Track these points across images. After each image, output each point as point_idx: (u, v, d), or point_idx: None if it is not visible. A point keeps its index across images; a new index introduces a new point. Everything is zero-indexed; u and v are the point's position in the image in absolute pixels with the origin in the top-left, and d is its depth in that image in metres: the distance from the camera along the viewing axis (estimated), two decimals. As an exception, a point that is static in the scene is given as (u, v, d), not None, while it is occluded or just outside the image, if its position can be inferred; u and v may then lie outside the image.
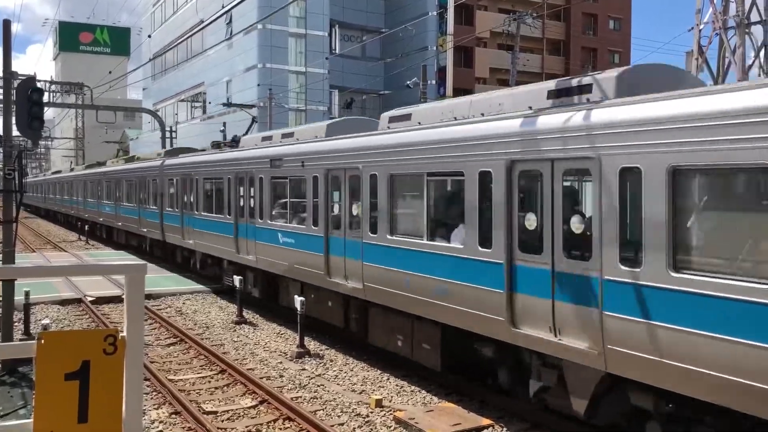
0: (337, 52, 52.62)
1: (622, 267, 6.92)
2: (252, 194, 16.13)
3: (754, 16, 19.77)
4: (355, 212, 11.85)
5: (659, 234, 6.54)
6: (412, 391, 10.65)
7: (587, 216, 7.67)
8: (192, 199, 20.11)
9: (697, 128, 6.20)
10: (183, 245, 21.39)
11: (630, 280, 6.84)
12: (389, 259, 10.80)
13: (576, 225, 7.64)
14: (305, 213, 13.52)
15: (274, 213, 15.04)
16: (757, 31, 19.87)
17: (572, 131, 7.52)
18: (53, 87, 55.30)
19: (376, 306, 11.47)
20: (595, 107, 7.54)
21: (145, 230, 25.70)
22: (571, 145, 7.54)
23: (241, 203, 16.65)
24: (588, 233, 7.46)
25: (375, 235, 11.18)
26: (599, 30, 65.51)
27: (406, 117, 11.45)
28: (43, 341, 2.77)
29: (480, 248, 8.84)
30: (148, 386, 10.81)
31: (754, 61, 19.95)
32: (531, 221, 8.15)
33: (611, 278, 7.05)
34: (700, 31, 20.00)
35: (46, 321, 13.28)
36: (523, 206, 8.37)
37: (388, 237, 10.87)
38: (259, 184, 15.61)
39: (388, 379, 11.28)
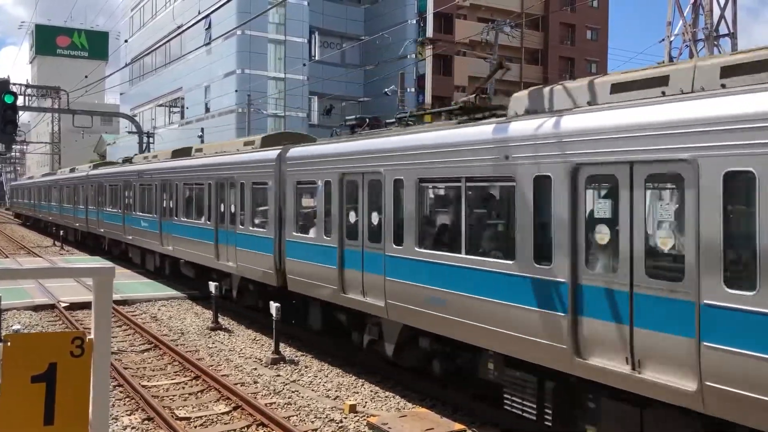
0: (316, 58, 52.65)
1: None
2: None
3: (723, 29, 20.23)
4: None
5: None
6: (386, 396, 10.71)
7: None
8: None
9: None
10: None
11: None
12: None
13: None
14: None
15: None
16: (725, 43, 20.33)
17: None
18: (29, 90, 54.71)
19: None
20: None
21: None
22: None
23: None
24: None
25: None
26: (577, 40, 66.27)
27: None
28: (9, 343, 2.79)
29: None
30: (120, 392, 10.75)
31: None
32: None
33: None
34: (671, 42, 20.41)
35: (17, 327, 13.14)
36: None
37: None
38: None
39: (363, 384, 11.33)
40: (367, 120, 13.71)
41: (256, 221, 14.90)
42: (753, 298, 5.67)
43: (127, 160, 29.06)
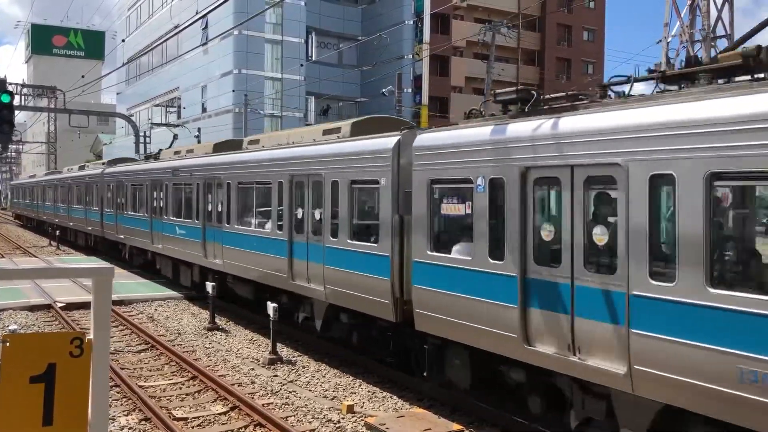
0: (313, 58, 52.62)
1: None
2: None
3: (719, 31, 20.30)
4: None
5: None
6: (383, 397, 10.70)
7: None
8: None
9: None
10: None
11: None
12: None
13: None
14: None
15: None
16: (722, 44, 20.40)
17: None
18: (25, 90, 54.53)
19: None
20: None
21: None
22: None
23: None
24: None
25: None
26: (574, 41, 66.35)
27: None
28: (8, 343, 2.78)
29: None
30: (118, 392, 10.72)
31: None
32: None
33: None
34: (668, 43, 20.47)
35: (13, 327, 13.10)
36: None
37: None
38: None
39: (360, 385, 11.32)
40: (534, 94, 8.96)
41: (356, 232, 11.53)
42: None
43: (150, 157, 26.28)
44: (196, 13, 26.57)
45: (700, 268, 6.09)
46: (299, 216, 12.91)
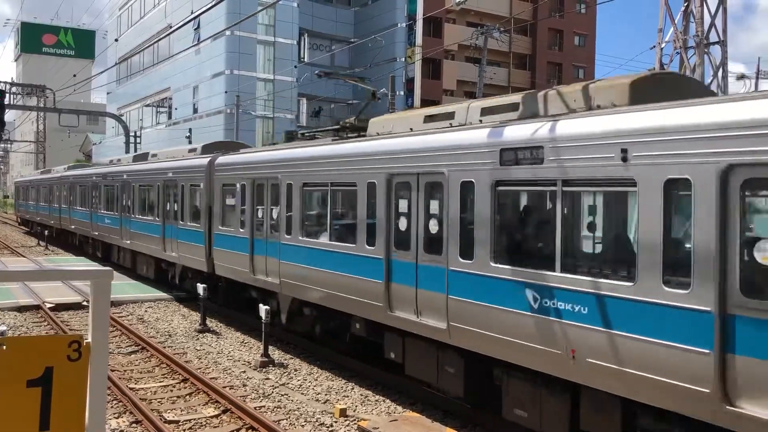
0: (305, 60, 52.55)
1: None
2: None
3: (713, 37, 20.45)
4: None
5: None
6: (376, 400, 10.65)
7: None
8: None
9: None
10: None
11: None
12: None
13: None
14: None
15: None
16: (716, 51, 20.55)
17: None
18: (14, 89, 54.20)
19: None
20: None
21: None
22: None
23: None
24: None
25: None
26: (565, 45, 66.60)
27: None
28: (4, 347, 2.72)
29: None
30: (108, 395, 10.61)
31: (712, 80, 20.54)
32: None
33: None
34: (662, 49, 20.57)
35: (2, 328, 12.95)
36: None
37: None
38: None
39: (353, 388, 11.26)
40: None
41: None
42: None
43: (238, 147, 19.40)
44: (191, 12, 26.46)
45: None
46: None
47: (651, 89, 7.64)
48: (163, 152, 23.40)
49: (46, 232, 35.98)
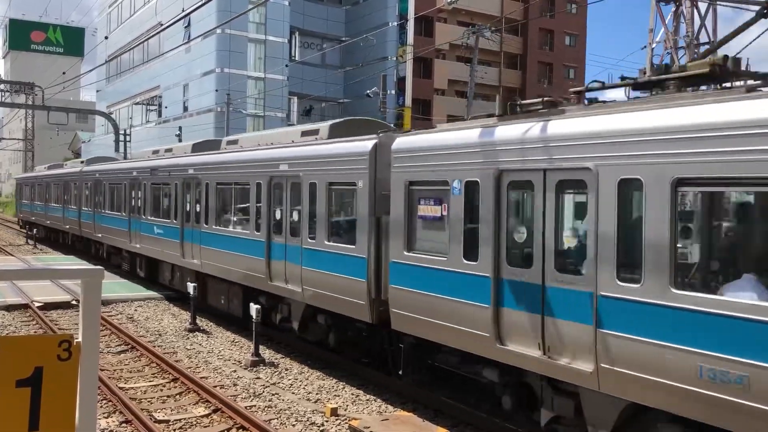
0: (296, 59, 52.43)
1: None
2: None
3: (703, 38, 20.57)
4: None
5: None
6: (367, 399, 10.64)
7: None
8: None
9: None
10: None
11: None
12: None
13: None
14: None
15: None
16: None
17: None
18: (2, 86, 53.84)
19: None
20: None
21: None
22: None
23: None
24: None
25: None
26: (555, 45, 66.78)
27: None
28: (-6, 347, 2.69)
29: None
30: (97, 394, 10.55)
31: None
32: None
33: None
34: (652, 49, 20.66)
35: (-10, 327, 12.85)
36: None
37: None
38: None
39: (344, 387, 11.25)
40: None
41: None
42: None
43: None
44: (182, 10, 26.35)
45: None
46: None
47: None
48: (251, 137, 16.68)
49: (35, 231, 35.58)
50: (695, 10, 20.18)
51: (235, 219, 15.22)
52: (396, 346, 10.44)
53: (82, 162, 32.09)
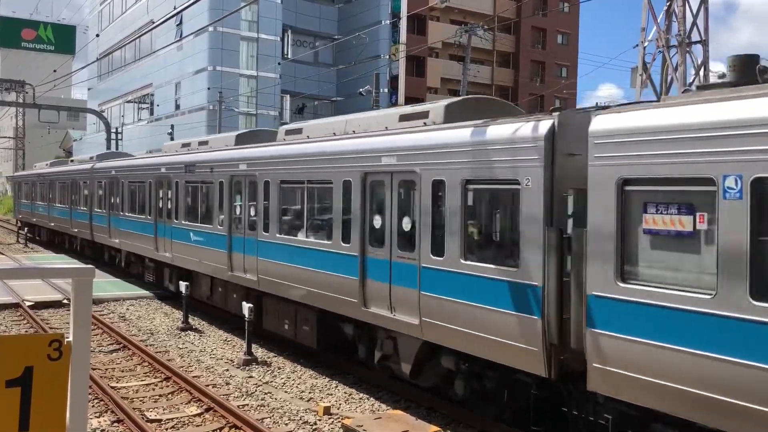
0: (289, 57, 52.31)
1: None
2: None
3: (695, 36, 20.67)
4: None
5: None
6: (360, 398, 10.63)
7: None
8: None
9: None
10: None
11: None
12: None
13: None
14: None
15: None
16: (697, 50, 20.76)
17: None
18: (-7, 84, 53.48)
19: None
20: None
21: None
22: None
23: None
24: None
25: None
26: (548, 44, 66.89)
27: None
28: (-17, 346, 2.66)
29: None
30: (89, 394, 10.50)
31: (694, 79, 20.74)
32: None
33: None
34: (644, 48, 20.74)
35: (-19, 326, 12.77)
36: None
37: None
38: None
39: (337, 386, 11.23)
40: None
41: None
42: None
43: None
44: (174, 8, 26.21)
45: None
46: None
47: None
48: (321, 125, 13.42)
49: (26, 230, 35.36)
50: (687, 9, 20.26)
51: (308, 225, 12.23)
52: (587, 409, 7.45)
53: (92, 158, 28.79)
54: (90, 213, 25.03)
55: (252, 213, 13.78)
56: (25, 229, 35.59)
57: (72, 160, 33.26)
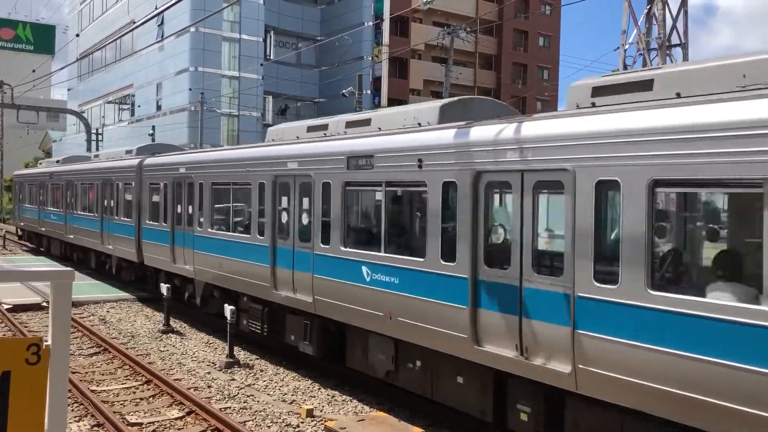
0: (271, 58, 52.13)
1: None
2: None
3: (675, 39, 20.90)
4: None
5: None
6: (343, 400, 10.61)
7: None
8: None
9: None
10: None
11: None
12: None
13: None
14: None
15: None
16: (677, 52, 21.00)
17: None
18: (-30, 84, 52.77)
19: None
20: None
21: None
22: None
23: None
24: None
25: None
26: (529, 46, 67.26)
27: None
28: (-41, 351, 2.62)
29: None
30: (68, 397, 10.38)
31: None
32: None
33: None
34: (625, 50, 20.94)
35: (-43, 330, 12.58)
36: None
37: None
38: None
39: (320, 389, 11.20)
40: None
41: None
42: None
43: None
44: (155, 8, 26.04)
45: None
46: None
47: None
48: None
49: (3, 232, 34.83)
50: (667, 12, 20.50)
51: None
52: None
53: (128, 152, 21.54)
54: (137, 225, 18.09)
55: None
56: (2, 231, 35.01)
57: (96, 155, 27.51)
